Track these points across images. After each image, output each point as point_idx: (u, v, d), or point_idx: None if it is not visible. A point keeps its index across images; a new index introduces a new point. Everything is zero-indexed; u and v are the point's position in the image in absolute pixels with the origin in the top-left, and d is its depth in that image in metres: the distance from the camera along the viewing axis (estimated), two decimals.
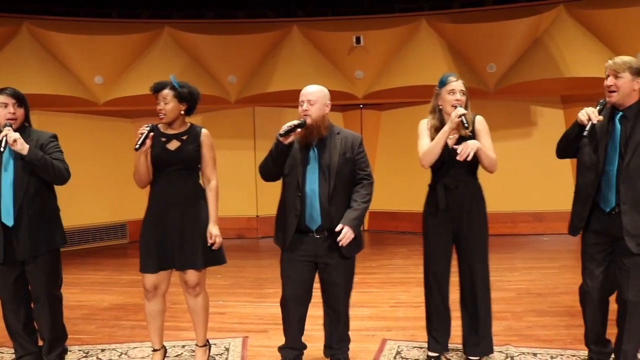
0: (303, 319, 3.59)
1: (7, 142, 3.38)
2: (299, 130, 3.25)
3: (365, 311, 5.08)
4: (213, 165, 3.66)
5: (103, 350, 4.25)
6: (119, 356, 4.12)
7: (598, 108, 3.20)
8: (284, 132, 3.19)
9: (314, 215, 3.35)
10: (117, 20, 8.50)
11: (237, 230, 9.24)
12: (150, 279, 3.58)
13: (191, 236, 3.53)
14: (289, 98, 3.36)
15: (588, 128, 3.15)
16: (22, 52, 7.92)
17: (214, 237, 3.54)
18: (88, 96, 8.36)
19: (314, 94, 3.37)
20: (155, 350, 3.76)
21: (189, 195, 3.57)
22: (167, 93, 3.53)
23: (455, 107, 3.48)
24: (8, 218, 3.50)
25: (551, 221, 8.53)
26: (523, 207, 8.86)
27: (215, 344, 4.20)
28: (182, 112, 3.59)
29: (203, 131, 3.64)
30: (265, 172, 3.44)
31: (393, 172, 9.07)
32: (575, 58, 7.89)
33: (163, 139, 3.56)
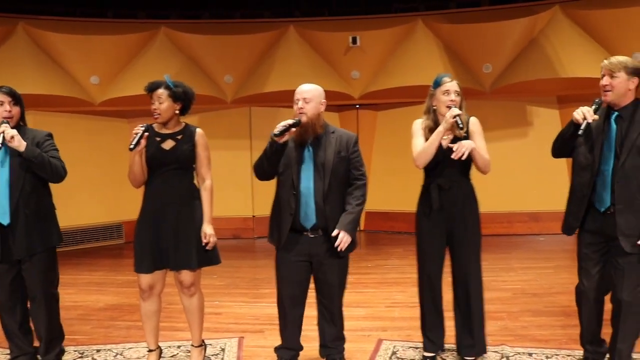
0: (300, 319, 3.58)
1: (5, 139, 3.36)
2: (294, 129, 3.26)
3: (361, 311, 5.07)
4: (208, 164, 3.66)
5: (98, 350, 4.24)
6: (115, 357, 4.11)
7: (593, 107, 3.21)
8: (279, 132, 3.19)
9: (309, 213, 3.36)
10: (113, 20, 8.49)
11: (233, 230, 9.24)
12: (145, 279, 3.57)
13: (186, 236, 3.52)
14: (286, 98, 3.37)
15: (583, 127, 3.16)
16: (18, 52, 7.90)
17: (209, 237, 3.53)
18: (84, 96, 8.35)
19: (310, 92, 3.38)
20: (150, 350, 3.75)
21: (184, 195, 3.57)
22: (162, 92, 3.52)
23: (449, 108, 3.48)
24: (4, 216, 3.48)
25: (547, 221, 8.54)
26: (519, 207, 8.88)
27: (211, 344, 4.19)
28: (177, 112, 3.58)
29: (198, 131, 3.63)
30: (259, 171, 3.44)
31: (389, 173, 9.08)
32: (571, 58, 7.91)
33: (158, 139, 3.55)
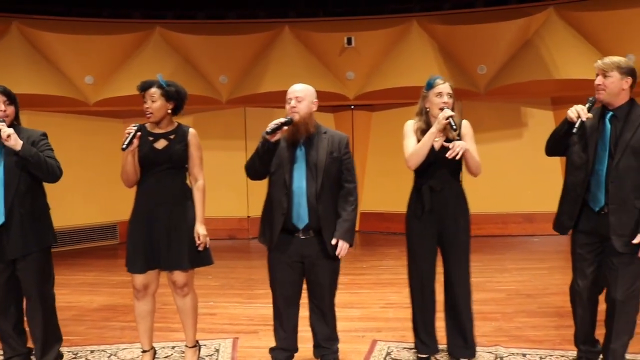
0: (295, 320, 3.58)
1: (1, 138, 3.35)
2: (286, 127, 3.26)
3: (355, 312, 5.08)
4: (200, 164, 3.66)
5: (92, 351, 4.23)
6: (109, 357, 4.10)
7: (587, 106, 3.22)
8: (271, 130, 3.20)
9: (301, 213, 3.36)
10: (108, 20, 8.46)
11: (228, 231, 9.23)
12: (139, 279, 3.57)
13: (178, 236, 3.52)
14: (281, 99, 3.37)
15: (577, 125, 3.17)
16: (12, 52, 7.87)
17: (202, 237, 3.53)
18: (78, 96, 8.32)
19: (302, 91, 3.39)
20: (144, 351, 3.75)
21: (177, 194, 3.57)
22: (155, 91, 3.52)
23: (442, 110, 3.50)
24: None
25: (541, 222, 8.55)
26: (513, 208, 8.90)
27: (205, 345, 4.19)
28: (169, 111, 3.58)
29: (190, 130, 3.63)
30: (251, 171, 3.44)
31: (384, 173, 9.09)
32: (565, 60, 7.93)
33: (150, 138, 3.55)
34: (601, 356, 3.46)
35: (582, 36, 7.95)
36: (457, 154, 3.39)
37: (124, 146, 3.37)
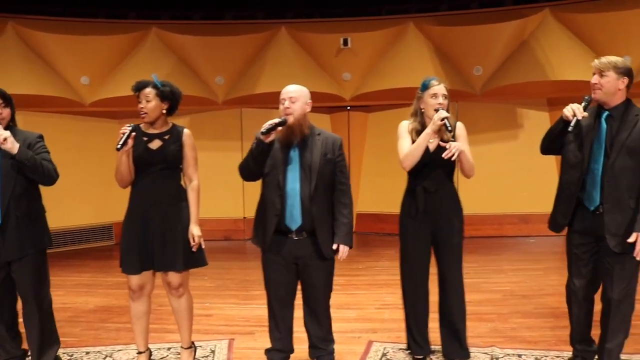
0: (290, 320, 3.58)
1: None
2: (280, 128, 3.26)
3: (351, 313, 5.08)
4: (195, 165, 3.65)
5: (88, 353, 4.22)
6: (104, 359, 4.09)
7: (583, 105, 3.24)
8: (266, 131, 3.20)
9: (295, 214, 3.35)
10: (104, 20, 8.44)
11: (224, 232, 9.22)
12: (135, 280, 3.56)
13: (173, 237, 3.51)
14: (277, 100, 3.36)
15: (573, 124, 3.19)
16: (8, 52, 7.84)
17: (196, 238, 3.52)
18: (74, 97, 8.30)
19: (296, 92, 3.38)
20: (140, 352, 3.74)
21: (171, 195, 3.56)
22: (149, 91, 3.51)
23: (437, 111, 3.51)
24: None
25: (537, 223, 8.57)
26: (509, 209, 8.91)
27: (201, 346, 4.18)
28: (164, 112, 3.57)
29: (185, 131, 3.63)
30: (245, 172, 3.43)
31: (380, 174, 9.09)
32: (560, 61, 7.96)
33: (145, 139, 3.54)
34: (596, 356, 3.46)
35: (578, 37, 7.98)
36: (453, 155, 3.40)
37: (119, 146, 3.37)
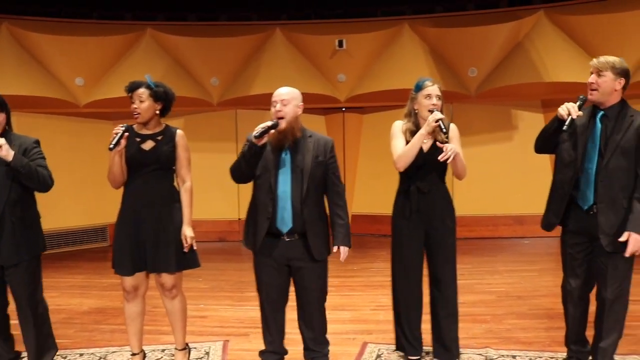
0: (282, 323, 3.57)
1: None
2: (272, 131, 3.25)
3: (346, 314, 5.08)
4: (188, 166, 3.65)
5: (82, 354, 4.20)
6: None
7: (578, 104, 3.25)
8: (259, 134, 3.19)
9: (286, 217, 3.34)
10: (99, 21, 8.43)
11: (219, 233, 9.21)
12: (129, 281, 3.56)
13: (165, 238, 3.50)
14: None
15: (568, 123, 3.20)
16: (2, 53, 7.82)
17: (188, 239, 3.52)
18: (69, 98, 8.28)
19: (287, 95, 3.37)
20: (134, 354, 3.73)
21: (164, 196, 3.55)
22: (143, 92, 3.51)
23: (431, 112, 3.51)
24: None
25: (532, 224, 8.58)
26: (504, 210, 8.93)
27: (195, 348, 4.17)
28: (157, 112, 3.57)
29: (178, 132, 3.62)
30: (237, 174, 3.42)
31: (375, 176, 9.09)
32: (555, 63, 7.99)
33: (138, 139, 3.53)
34: (590, 357, 3.47)
35: (572, 39, 8.01)
36: (450, 157, 3.41)
37: (111, 146, 3.36)
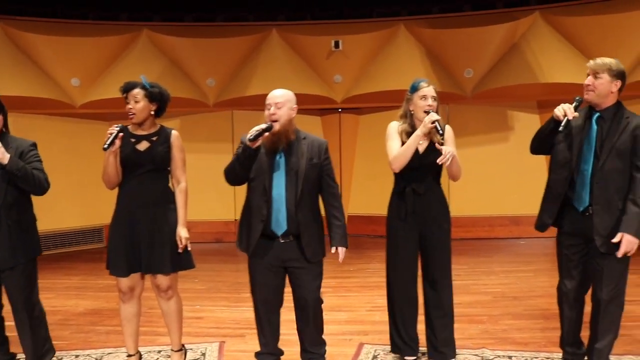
0: (277, 324, 3.57)
1: None
2: (267, 134, 3.24)
3: (342, 315, 5.08)
4: (183, 166, 3.64)
5: (77, 356, 4.20)
6: None
7: (574, 105, 3.25)
8: (253, 137, 3.18)
9: (280, 220, 3.33)
10: (95, 22, 8.41)
11: (215, 234, 9.20)
12: (124, 282, 3.55)
13: (160, 239, 3.50)
14: None
15: (563, 124, 3.20)
16: None
17: (183, 240, 3.51)
18: (65, 98, 8.27)
19: (281, 97, 3.36)
20: (130, 355, 3.72)
21: (159, 197, 3.55)
22: (138, 92, 3.51)
23: (427, 113, 3.52)
24: None
25: (528, 225, 8.52)
26: (500, 211, 8.94)
27: (191, 349, 4.17)
28: (152, 113, 3.56)
29: (173, 132, 3.62)
30: (231, 176, 3.41)
31: (371, 177, 9.10)
32: (550, 64, 8.01)
33: (132, 140, 3.53)
34: (586, 358, 3.47)
35: (568, 41, 8.03)
36: (448, 160, 3.41)
37: (106, 146, 3.36)
